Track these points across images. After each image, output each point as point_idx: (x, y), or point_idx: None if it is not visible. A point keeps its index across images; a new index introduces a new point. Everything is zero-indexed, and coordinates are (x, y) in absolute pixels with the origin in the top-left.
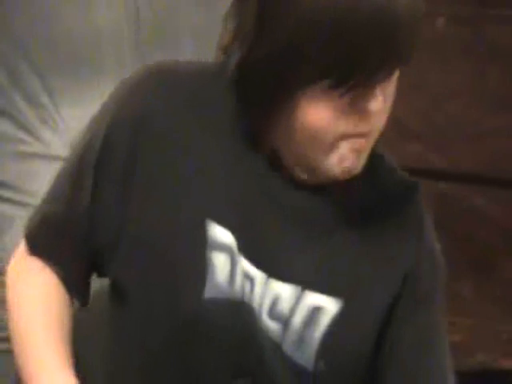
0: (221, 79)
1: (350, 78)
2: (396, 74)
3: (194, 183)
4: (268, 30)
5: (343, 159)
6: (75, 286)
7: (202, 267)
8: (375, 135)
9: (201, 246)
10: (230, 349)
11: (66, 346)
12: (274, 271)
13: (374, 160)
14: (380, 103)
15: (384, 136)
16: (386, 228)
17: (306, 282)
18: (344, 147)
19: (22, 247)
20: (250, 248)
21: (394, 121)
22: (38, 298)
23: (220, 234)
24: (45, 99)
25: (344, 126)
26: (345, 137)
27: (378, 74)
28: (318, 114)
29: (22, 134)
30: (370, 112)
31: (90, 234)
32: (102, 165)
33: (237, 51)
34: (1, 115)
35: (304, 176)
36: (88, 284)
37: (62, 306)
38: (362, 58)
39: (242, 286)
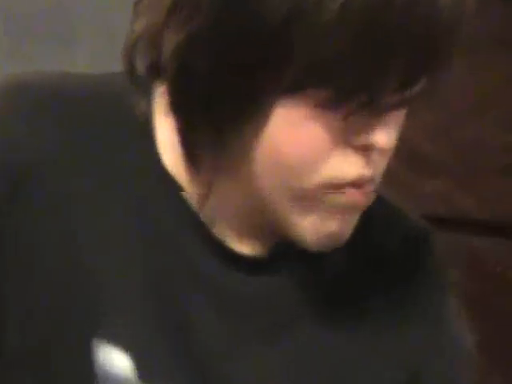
0: (127, 96)
1: (363, 89)
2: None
3: (79, 270)
4: None
5: (325, 221)
6: None
7: None
8: (374, 186)
9: (88, 380)
10: None
11: None
12: None
13: None
14: (393, 136)
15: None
16: (382, 308)
17: None
18: (332, 202)
19: None
20: (156, 373)
21: (406, 149)
22: None
23: (112, 359)
24: None
25: (337, 165)
26: (335, 185)
27: (406, 84)
28: (298, 138)
29: None
30: (379, 148)
31: None
32: None
33: (173, 35)
34: None
35: (248, 245)
36: None
37: None
38: (387, 58)
39: None
